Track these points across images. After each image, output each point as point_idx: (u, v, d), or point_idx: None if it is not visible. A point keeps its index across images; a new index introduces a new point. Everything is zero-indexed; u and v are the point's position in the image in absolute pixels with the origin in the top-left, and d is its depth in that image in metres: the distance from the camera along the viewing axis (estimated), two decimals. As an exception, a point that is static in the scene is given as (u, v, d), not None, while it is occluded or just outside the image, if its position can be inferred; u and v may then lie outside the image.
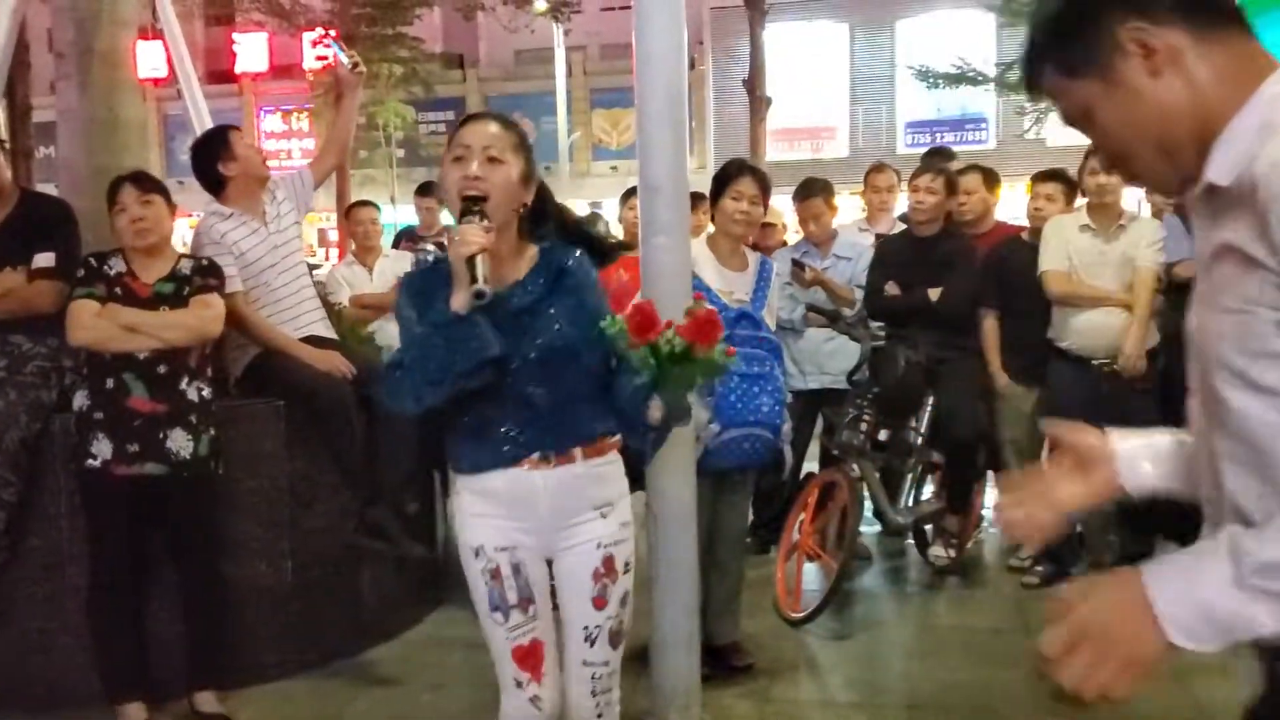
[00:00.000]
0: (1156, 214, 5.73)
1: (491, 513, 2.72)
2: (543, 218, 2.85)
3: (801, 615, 4.96)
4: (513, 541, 2.71)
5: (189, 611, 4.16)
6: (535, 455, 2.67)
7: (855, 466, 5.26)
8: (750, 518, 5.10)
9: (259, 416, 4.44)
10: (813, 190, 6.08)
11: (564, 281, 2.73)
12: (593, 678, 2.78)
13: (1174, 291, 5.27)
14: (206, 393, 4.07)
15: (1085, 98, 1.54)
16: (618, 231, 7.19)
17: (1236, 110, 1.45)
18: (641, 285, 3.90)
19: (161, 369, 3.92)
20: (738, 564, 4.59)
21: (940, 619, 5.25)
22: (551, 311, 2.68)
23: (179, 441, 3.93)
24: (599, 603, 2.75)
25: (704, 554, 4.17)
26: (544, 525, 2.72)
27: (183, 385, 3.97)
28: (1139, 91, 1.49)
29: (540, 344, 2.64)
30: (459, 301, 2.53)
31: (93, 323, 3.90)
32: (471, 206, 2.60)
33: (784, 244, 6.65)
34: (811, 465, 6.08)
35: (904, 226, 5.96)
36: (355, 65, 4.67)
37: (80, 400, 3.96)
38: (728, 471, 4.29)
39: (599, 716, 2.82)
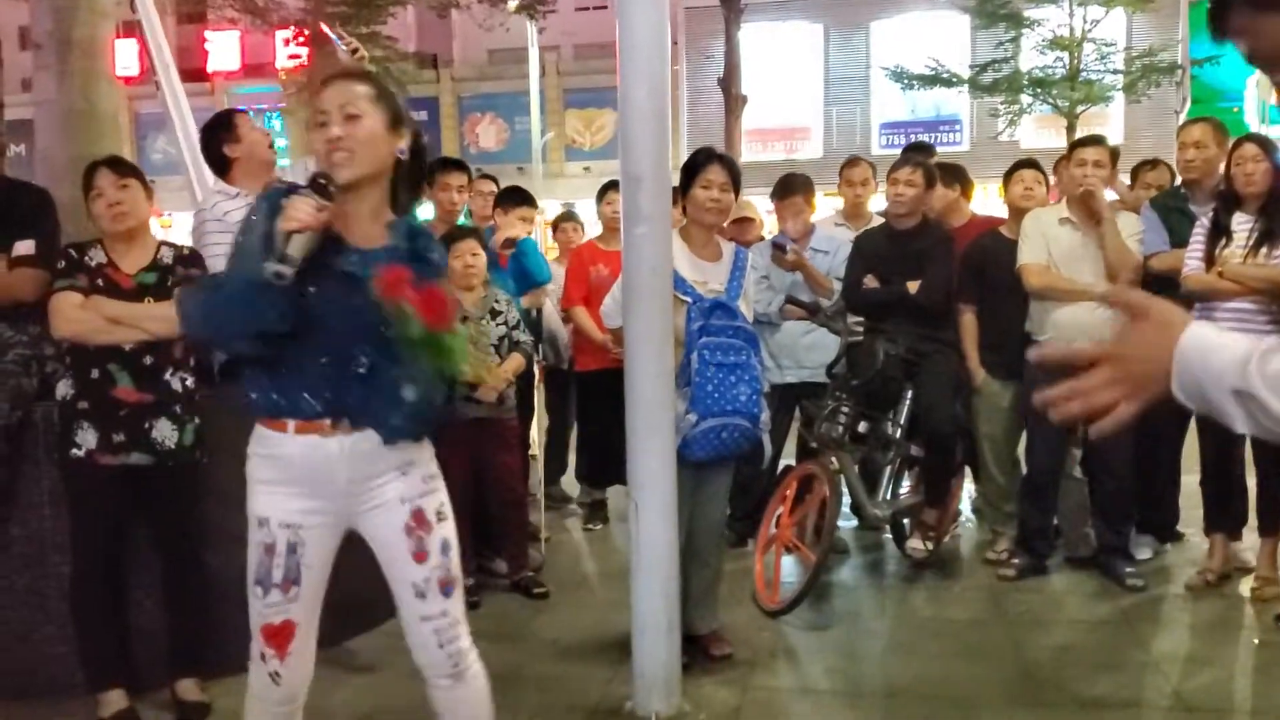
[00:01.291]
0: (1133, 209, 5.78)
1: (283, 481, 2.66)
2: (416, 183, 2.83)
3: (780, 606, 4.99)
4: (301, 518, 2.66)
5: (171, 600, 4.16)
6: (331, 420, 2.62)
7: (834, 459, 5.30)
8: (728, 509, 5.13)
9: (242, 405, 4.41)
10: (794, 188, 6.09)
11: (417, 258, 2.67)
12: (435, 631, 2.74)
13: (1152, 284, 5.32)
14: (191, 383, 4.06)
15: (1276, 34, 1.48)
16: (595, 228, 7.22)
17: None
18: (623, 275, 3.93)
19: (147, 360, 3.92)
20: (716, 554, 4.61)
21: (918, 610, 5.28)
22: None
23: (164, 431, 3.93)
24: (419, 557, 2.71)
25: (683, 544, 4.20)
26: (342, 493, 2.67)
27: (168, 376, 3.97)
28: None
29: (383, 317, 2.58)
30: (270, 266, 2.50)
31: (76, 315, 3.88)
32: (318, 181, 2.57)
33: (761, 239, 6.68)
34: (789, 460, 6.11)
35: (882, 221, 6.00)
36: (355, 50, 4.67)
37: (64, 389, 3.94)
38: (706, 462, 4.30)
39: (455, 667, 2.78)
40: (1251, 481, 5.28)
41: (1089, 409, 1.48)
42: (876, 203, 6.65)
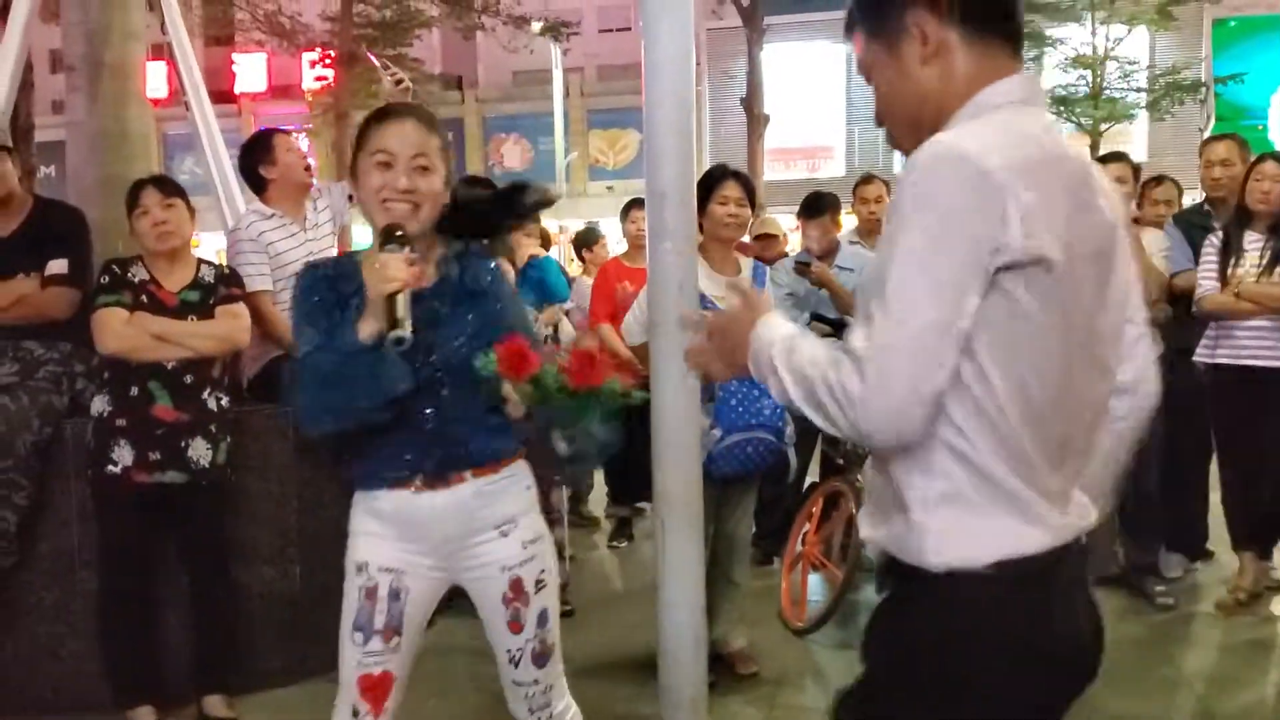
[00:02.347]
0: (1156, 226, 5.76)
1: (382, 533, 2.56)
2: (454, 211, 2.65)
3: (806, 625, 4.97)
4: (402, 564, 2.56)
5: (198, 616, 4.19)
6: (419, 479, 2.51)
7: (860, 476, 5.27)
8: (754, 526, 5.12)
9: (270, 422, 4.46)
10: (821, 206, 6.08)
11: (470, 292, 2.57)
12: (526, 696, 2.71)
13: (1176, 302, 5.30)
14: (225, 402, 4.11)
15: (872, 57, 1.82)
16: (620, 245, 7.24)
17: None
18: (648, 290, 3.93)
19: (187, 379, 3.96)
20: (743, 571, 4.60)
21: (944, 628, 5.24)
22: (455, 325, 2.52)
23: (199, 450, 3.96)
24: (514, 627, 2.64)
25: (708, 561, 4.18)
26: (440, 549, 2.57)
27: (205, 395, 4.01)
28: (908, 71, 1.76)
29: (436, 360, 2.49)
30: (367, 331, 2.36)
31: (124, 331, 3.93)
32: (393, 233, 2.43)
33: (784, 255, 6.68)
34: (813, 477, 6.09)
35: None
36: (399, 81, 4.72)
37: (100, 405, 3.97)
38: (732, 477, 4.30)
39: None
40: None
41: (694, 366, 1.98)
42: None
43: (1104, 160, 5.55)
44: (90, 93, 5.33)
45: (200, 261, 4.18)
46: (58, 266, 4.15)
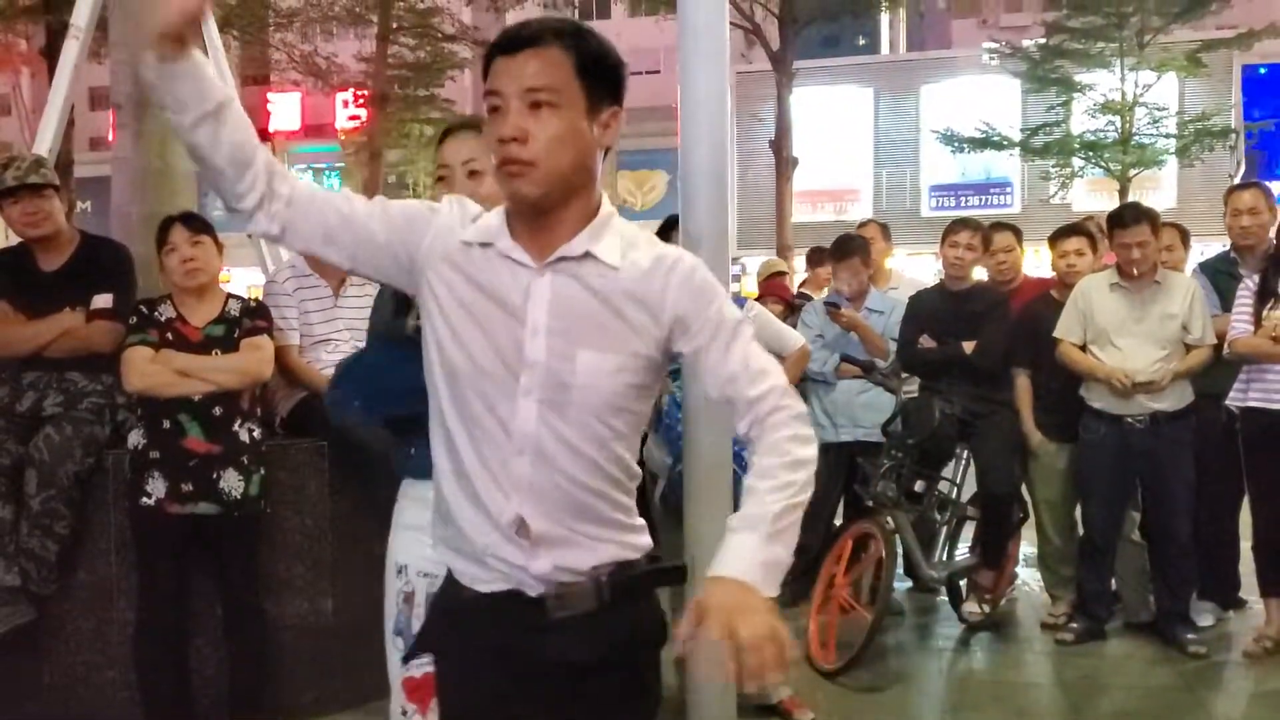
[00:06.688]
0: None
1: (428, 529, 2.42)
2: None
3: (835, 667, 4.96)
4: (439, 569, 2.41)
5: (231, 647, 4.21)
6: None
7: (890, 519, 5.28)
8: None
9: (304, 457, 4.51)
10: (851, 248, 6.12)
11: None
12: None
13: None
14: (257, 434, 4.15)
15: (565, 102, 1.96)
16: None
17: None
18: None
19: (216, 411, 4.01)
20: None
21: (974, 673, 5.24)
22: None
23: (231, 482, 4.00)
24: None
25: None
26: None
27: (236, 426, 4.06)
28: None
29: None
30: (414, 323, 2.40)
31: (147, 369, 3.99)
32: None
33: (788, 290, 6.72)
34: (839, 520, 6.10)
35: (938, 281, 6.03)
36: None
37: (136, 439, 4.04)
38: None
39: None
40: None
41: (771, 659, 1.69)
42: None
43: (1121, 222, 5.35)
44: (136, 130, 5.43)
45: (229, 296, 4.25)
46: (102, 301, 4.23)
